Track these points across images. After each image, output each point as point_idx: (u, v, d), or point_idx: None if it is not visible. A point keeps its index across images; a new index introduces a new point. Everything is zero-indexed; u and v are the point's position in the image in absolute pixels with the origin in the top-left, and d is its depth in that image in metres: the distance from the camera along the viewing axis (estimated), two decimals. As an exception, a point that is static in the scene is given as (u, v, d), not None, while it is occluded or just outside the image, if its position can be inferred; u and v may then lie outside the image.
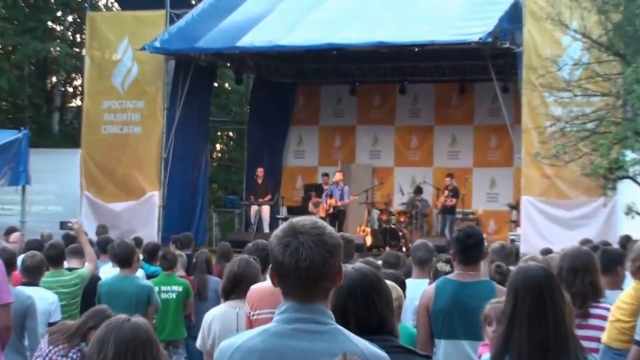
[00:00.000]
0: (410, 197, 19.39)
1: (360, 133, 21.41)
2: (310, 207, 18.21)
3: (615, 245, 8.23)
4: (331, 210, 17.20)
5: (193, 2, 20.36)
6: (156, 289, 7.85)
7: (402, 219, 18.43)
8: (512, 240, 15.21)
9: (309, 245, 2.34)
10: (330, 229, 2.41)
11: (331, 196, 17.42)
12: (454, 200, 18.04)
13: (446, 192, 18.10)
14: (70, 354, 4.75)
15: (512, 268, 5.10)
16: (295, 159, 21.83)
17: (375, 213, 19.32)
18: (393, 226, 17.99)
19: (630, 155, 12.66)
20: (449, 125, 20.64)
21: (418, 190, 19.37)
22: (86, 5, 20.27)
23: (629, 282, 4.99)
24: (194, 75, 17.89)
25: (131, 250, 7.40)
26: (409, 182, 20.38)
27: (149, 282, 7.76)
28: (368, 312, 2.88)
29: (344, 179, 17.94)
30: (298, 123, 21.85)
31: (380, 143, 21.18)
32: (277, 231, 2.42)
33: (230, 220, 21.86)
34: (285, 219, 17.22)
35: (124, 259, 7.36)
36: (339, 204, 17.31)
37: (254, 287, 4.95)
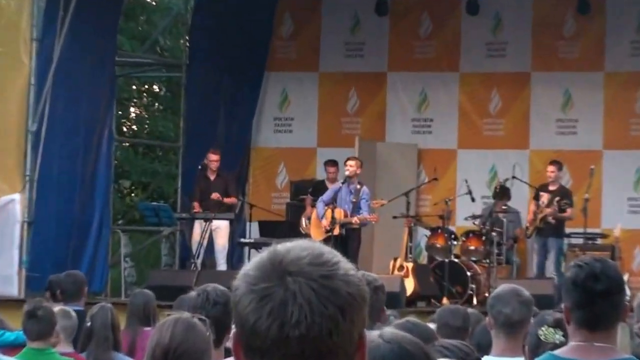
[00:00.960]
0: (487, 205, 19.41)
1: (394, 85, 21.47)
2: (304, 223, 18.24)
3: None
4: (337, 231, 17.14)
5: None
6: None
7: (472, 246, 18.49)
8: (676, 286, 15.29)
9: (306, 298, 2.35)
10: (346, 266, 2.43)
11: (335, 203, 17.34)
12: (568, 210, 18.04)
13: (548, 195, 18.07)
14: None
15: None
16: (276, 135, 21.88)
17: (423, 234, 19.34)
18: (455, 259, 18.06)
19: None
20: (559, 71, 20.72)
21: (503, 193, 19.31)
22: None
23: None
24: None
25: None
26: (486, 178, 20.45)
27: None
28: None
29: (362, 172, 17.98)
30: (280, 68, 21.90)
31: (432, 105, 21.24)
32: (248, 269, 2.44)
33: (152, 246, 21.90)
34: (258, 246, 17.26)
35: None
36: (355, 220, 17.26)
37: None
